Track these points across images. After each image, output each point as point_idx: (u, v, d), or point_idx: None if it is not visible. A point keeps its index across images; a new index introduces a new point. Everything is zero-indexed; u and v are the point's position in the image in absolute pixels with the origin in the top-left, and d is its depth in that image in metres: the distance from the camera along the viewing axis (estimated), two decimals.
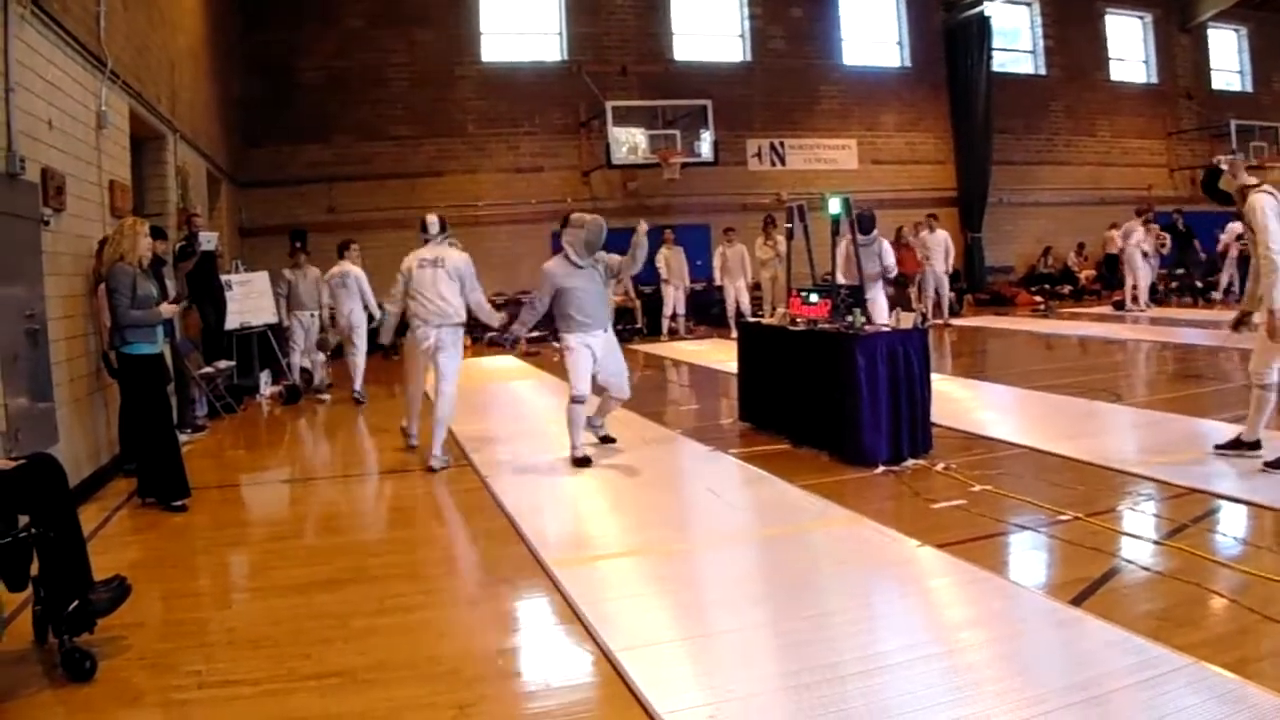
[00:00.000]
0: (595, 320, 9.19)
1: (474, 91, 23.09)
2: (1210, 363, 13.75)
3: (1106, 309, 22.49)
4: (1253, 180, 7.68)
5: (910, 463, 8.34)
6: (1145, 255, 21.98)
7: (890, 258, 13.31)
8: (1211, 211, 26.14)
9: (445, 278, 9.33)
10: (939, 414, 9.30)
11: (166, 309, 8.23)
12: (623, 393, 9.48)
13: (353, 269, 14.18)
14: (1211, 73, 30.12)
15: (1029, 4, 27.67)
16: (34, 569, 4.81)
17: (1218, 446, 8.04)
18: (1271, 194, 7.51)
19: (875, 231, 13.02)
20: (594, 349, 9.09)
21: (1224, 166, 7.95)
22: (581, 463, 8.95)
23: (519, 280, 22.72)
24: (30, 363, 7.45)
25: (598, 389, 9.41)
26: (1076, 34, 28.15)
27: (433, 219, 9.64)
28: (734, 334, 15.06)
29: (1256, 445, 7.77)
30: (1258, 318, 7.64)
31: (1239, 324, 8.15)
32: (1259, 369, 7.78)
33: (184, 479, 8.16)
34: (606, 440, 9.80)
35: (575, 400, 9.04)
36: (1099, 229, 25.81)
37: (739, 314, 19.27)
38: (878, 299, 12.85)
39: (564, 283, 9.13)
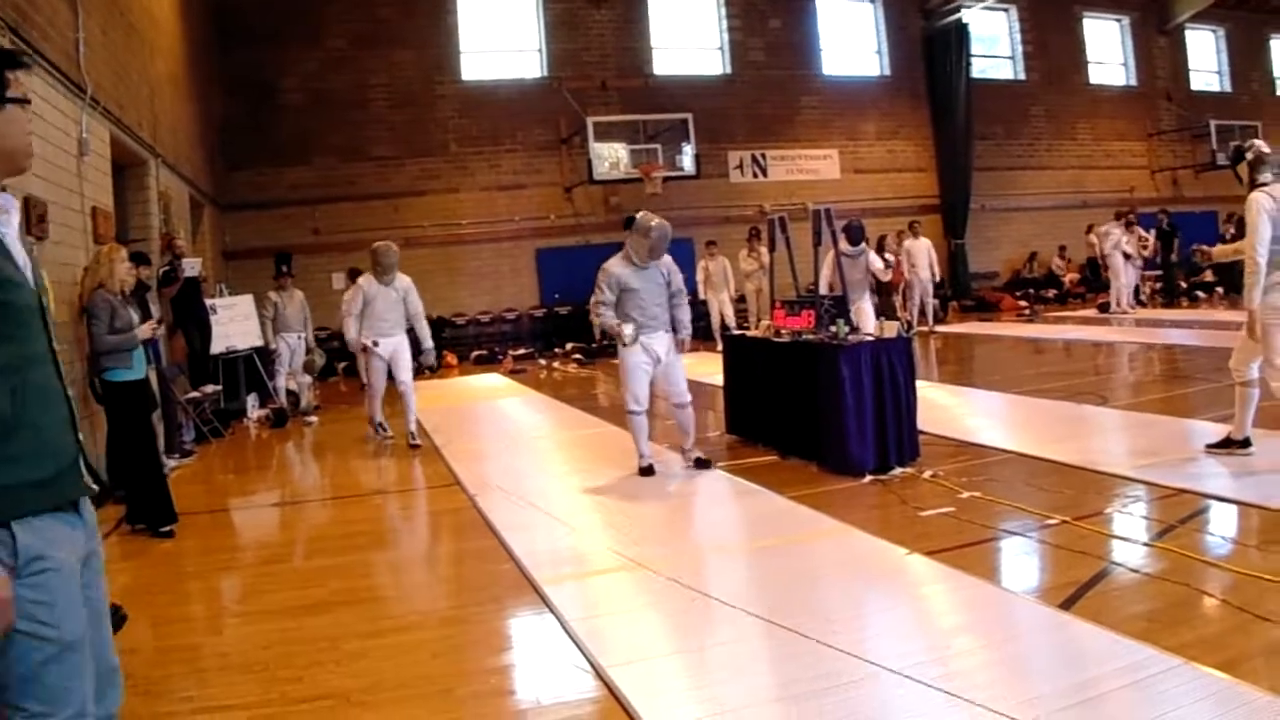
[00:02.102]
0: (658, 320, 8.99)
1: (455, 110, 23.15)
2: (1196, 363, 13.79)
3: (1091, 312, 22.54)
4: (1267, 178, 7.45)
5: (898, 471, 8.34)
6: (1128, 257, 22.06)
7: (879, 264, 13.25)
8: (1195, 211, 26.50)
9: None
10: (925, 421, 9.32)
11: (143, 330, 8.22)
12: (683, 398, 9.15)
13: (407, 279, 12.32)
14: (1190, 73, 30.40)
15: (1007, 10, 27.82)
16: None
17: (1209, 446, 8.06)
18: (1270, 195, 7.35)
19: (864, 243, 12.98)
20: (657, 351, 8.92)
21: (1249, 155, 7.56)
22: (646, 472, 8.93)
23: (503, 298, 22.79)
24: None
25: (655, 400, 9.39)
26: (1055, 38, 28.33)
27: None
28: (719, 346, 15.06)
29: (1246, 443, 7.82)
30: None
31: None
32: (1238, 366, 7.87)
33: (170, 505, 8.15)
34: (703, 464, 9.11)
35: (634, 413, 8.98)
36: (1082, 232, 25.90)
37: (723, 326, 19.24)
38: (865, 308, 12.88)
39: (629, 282, 8.91)
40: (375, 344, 11.38)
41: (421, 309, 11.92)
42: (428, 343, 11.97)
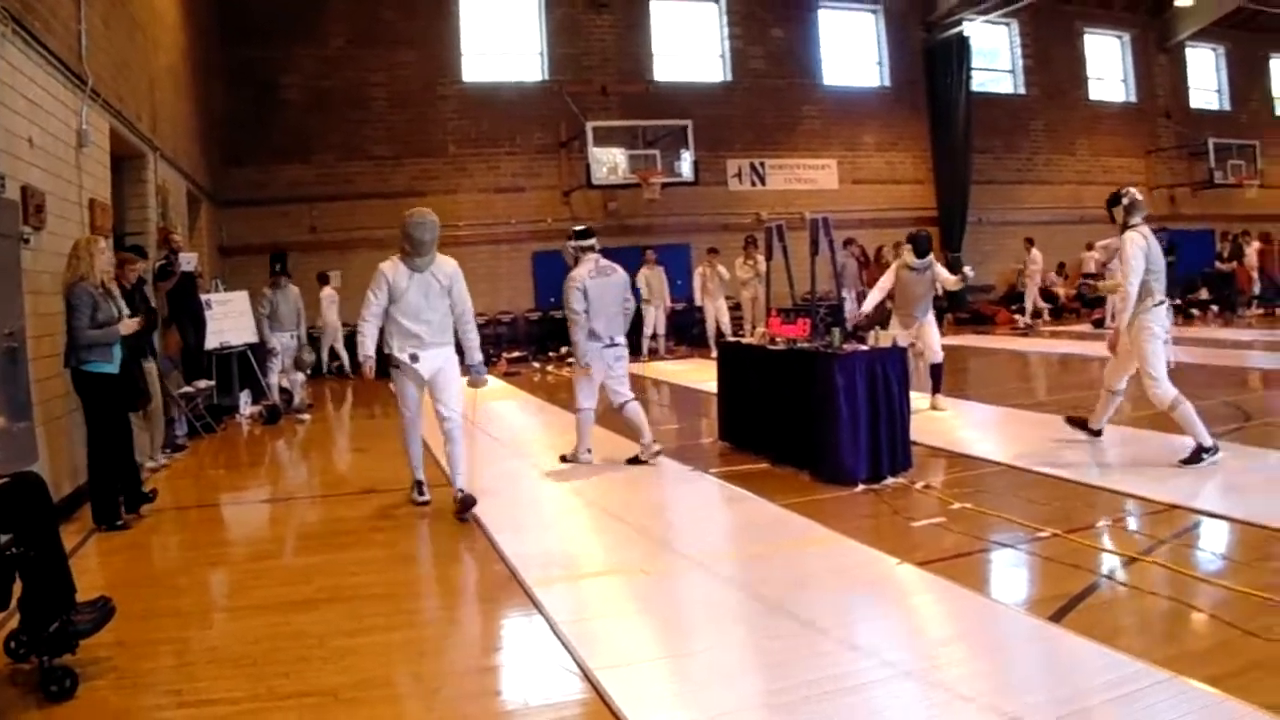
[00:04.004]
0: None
1: (455, 111, 23.14)
2: (1190, 379, 13.77)
3: (1087, 327, 22.55)
4: (1136, 220, 8.62)
5: (890, 481, 8.35)
6: None
7: (949, 275, 12.49)
8: (1192, 229, 26.52)
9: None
10: (919, 432, 9.34)
11: (125, 325, 8.15)
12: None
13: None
14: (1190, 91, 30.44)
15: (1008, 24, 27.83)
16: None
17: (1182, 461, 8.32)
18: (1143, 235, 8.48)
19: (930, 255, 12.19)
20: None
21: (1125, 200, 8.71)
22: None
23: (499, 300, 22.76)
24: (9, 381, 7.41)
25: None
26: (1055, 53, 28.38)
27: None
28: (714, 354, 15.03)
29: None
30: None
31: None
32: (1109, 380, 9.26)
33: (115, 506, 8.12)
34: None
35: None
36: (1079, 247, 25.88)
37: (719, 333, 19.21)
38: (930, 328, 12.08)
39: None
40: (413, 359, 8.13)
41: (470, 306, 8.53)
42: (476, 355, 8.67)
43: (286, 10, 21.77)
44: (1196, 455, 8.29)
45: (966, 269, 13.29)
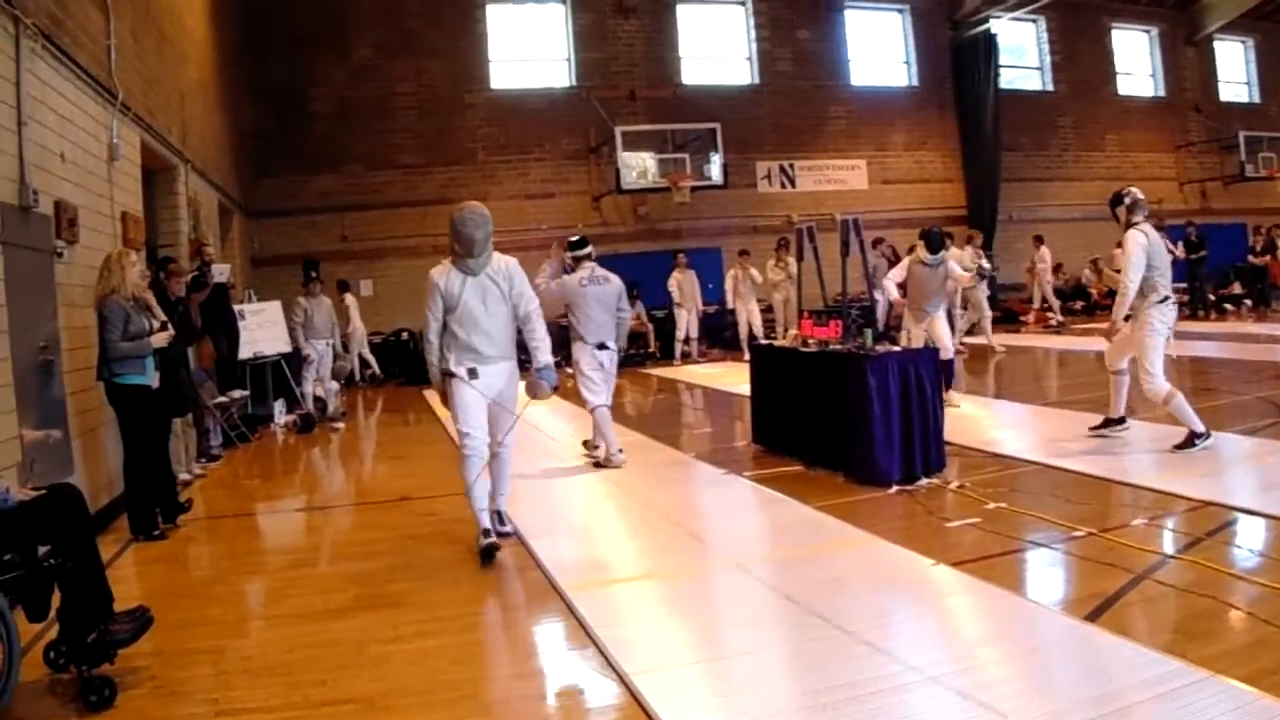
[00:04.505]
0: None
1: (483, 119, 23.21)
2: (1223, 376, 13.71)
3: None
4: (1138, 219, 9.05)
5: (924, 482, 8.33)
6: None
7: (961, 272, 12.53)
8: (1224, 223, 26.31)
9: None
10: (951, 432, 9.30)
11: (157, 339, 8.16)
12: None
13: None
14: (1219, 85, 30.17)
15: (1035, 21, 27.65)
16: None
17: (1176, 446, 8.75)
18: (1144, 233, 8.91)
19: (944, 251, 12.19)
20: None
21: (1127, 200, 9.18)
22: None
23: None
24: (44, 394, 7.48)
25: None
26: (1083, 49, 28.18)
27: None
28: (746, 356, 15.00)
29: (1123, 421, 9.58)
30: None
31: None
32: (1110, 361, 9.61)
33: (152, 516, 8.19)
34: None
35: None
36: (1110, 244, 25.64)
37: (751, 336, 19.19)
38: (941, 324, 12.12)
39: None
40: (471, 374, 7.07)
41: (538, 305, 7.58)
42: (543, 356, 7.36)
43: (313, 23, 21.92)
44: (1190, 441, 8.70)
45: (983, 262, 13.34)
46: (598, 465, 9.95)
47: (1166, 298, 8.89)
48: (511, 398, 7.29)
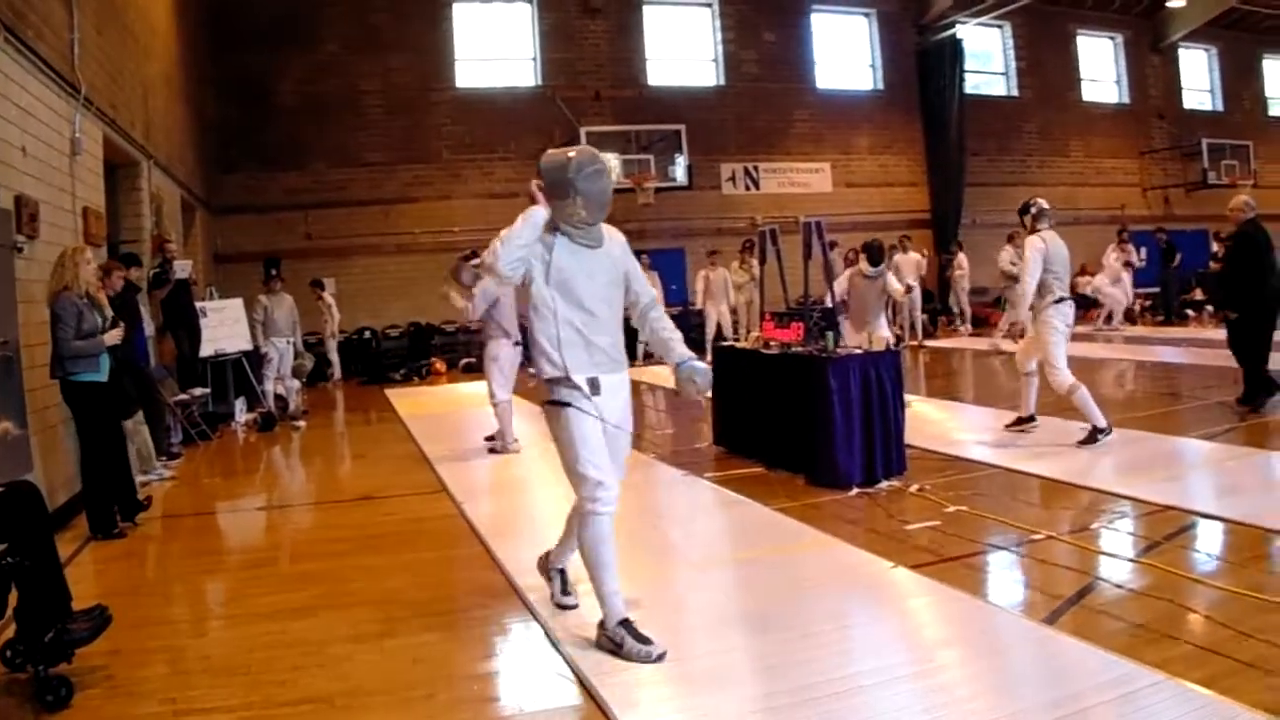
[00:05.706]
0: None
1: (448, 117, 23.14)
2: (1184, 380, 13.83)
3: (1084, 329, 22.53)
4: (1042, 226, 9.83)
5: (884, 484, 8.37)
6: (1129, 265, 22.25)
7: (896, 286, 12.70)
8: (1186, 229, 26.51)
9: None
10: (913, 435, 9.35)
11: (110, 335, 8.08)
12: None
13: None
14: (1183, 92, 30.45)
15: (1001, 26, 27.82)
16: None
17: (1080, 442, 9.31)
18: (1044, 239, 9.64)
19: (884, 264, 12.43)
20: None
21: (1033, 209, 9.99)
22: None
23: None
24: (3, 390, 7.41)
25: None
26: (1048, 55, 28.37)
27: None
28: (709, 358, 14.98)
29: (1032, 419, 10.17)
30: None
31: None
32: (1020, 361, 10.16)
33: (110, 514, 8.12)
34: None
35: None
36: (1073, 248, 25.75)
37: (720, 336, 19.15)
38: (883, 333, 12.36)
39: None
40: (593, 386, 5.10)
41: (654, 293, 5.81)
42: (682, 347, 5.44)
43: (278, 17, 21.75)
44: (1093, 436, 9.26)
45: (909, 279, 14.23)
46: (493, 451, 10.86)
47: (1063, 298, 9.58)
48: (629, 418, 5.46)
